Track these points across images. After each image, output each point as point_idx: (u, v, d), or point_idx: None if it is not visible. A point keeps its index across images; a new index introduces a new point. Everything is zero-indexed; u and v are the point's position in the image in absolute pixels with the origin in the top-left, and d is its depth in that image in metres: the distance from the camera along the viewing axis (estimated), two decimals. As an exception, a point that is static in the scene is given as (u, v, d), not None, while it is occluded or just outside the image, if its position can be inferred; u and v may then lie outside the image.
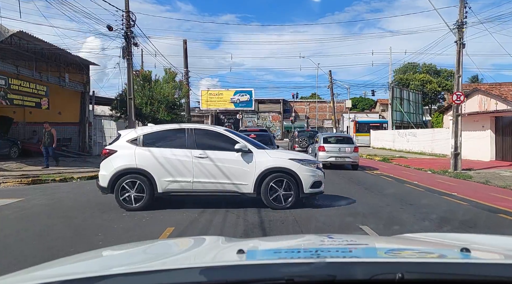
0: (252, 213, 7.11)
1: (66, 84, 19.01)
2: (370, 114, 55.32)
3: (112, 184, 7.34)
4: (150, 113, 20.92)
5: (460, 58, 15.74)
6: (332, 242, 1.82)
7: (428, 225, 6.33)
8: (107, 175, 7.41)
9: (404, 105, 35.48)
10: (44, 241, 5.35)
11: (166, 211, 7.26)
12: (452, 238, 2.27)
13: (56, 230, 6.05)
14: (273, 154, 7.93)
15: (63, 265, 1.67)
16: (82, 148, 21.08)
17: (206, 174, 7.40)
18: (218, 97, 56.64)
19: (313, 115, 57.32)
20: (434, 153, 25.42)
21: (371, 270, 1.18)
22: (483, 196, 9.51)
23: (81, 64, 20.21)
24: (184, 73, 33.11)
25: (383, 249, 1.68)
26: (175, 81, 22.74)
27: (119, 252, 2.00)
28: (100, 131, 23.97)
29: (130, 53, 17.40)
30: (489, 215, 7.42)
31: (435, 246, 1.89)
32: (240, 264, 1.37)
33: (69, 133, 21.32)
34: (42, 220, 6.73)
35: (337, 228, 6.16)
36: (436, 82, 40.02)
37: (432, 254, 1.59)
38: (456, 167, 15.62)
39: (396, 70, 44.45)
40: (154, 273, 1.25)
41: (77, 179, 12.89)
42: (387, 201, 8.59)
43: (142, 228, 6.11)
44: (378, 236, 5.13)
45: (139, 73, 20.01)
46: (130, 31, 17.12)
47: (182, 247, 2.07)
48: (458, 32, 15.67)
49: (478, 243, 1.88)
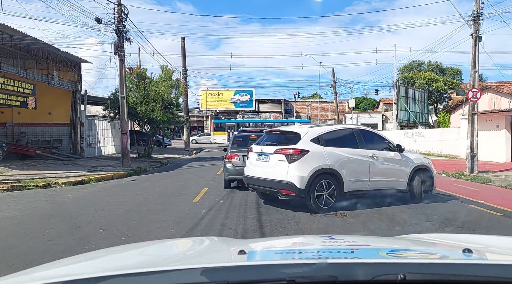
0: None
1: (55, 82, 17.87)
2: (373, 114, 54.38)
3: (309, 185, 7.05)
4: (145, 113, 19.82)
5: (476, 52, 14.65)
6: (334, 242, 1.84)
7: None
8: (305, 176, 7.02)
9: (409, 104, 34.32)
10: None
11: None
12: (454, 238, 2.26)
13: (12, 255, 4.93)
14: (411, 153, 9.32)
15: (62, 266, 1.66)
16: (73, 150, 19.94)
17: (378, 173, 7.84)
18: (218, 97, 55.66)
19: (315, 115, 56.47)
20: (443, 153, 24.29)
21: (373, 271, 1.17)
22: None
23: (72, 61, 19.09)
24: (182, 72, 32.08)
25: (385, 250, 1.60)
26: (171, 80, 21.61)
27: (119, 253, 1.96)
28: (94, 133, 22.88)
29: (123, 48, 16.34)
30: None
31: (437, 246, 1.89)
32: (241, 265, 1.36)
33: (59, 135, 20.21)
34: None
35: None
36: (442, 80, 38.81)
37: (434, 255, 1.59)
38: (473, 169, 14.51)
39: (401, 69, 43.27)
40: (155, 273, 1.24)
41: (62, 185, 11.78)
42: (409, 212, 7.47)
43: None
44: (380, 236, 4.79)
45: (132, 71, 18.88)
46: (122, 25, 16.06)
47: (183, 247, 2.07)
48: (474, 24, 14.58)
49: (480, 244, 1.86)
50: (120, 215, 7.11)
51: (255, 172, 7.75)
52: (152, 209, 7.64)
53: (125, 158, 16.58)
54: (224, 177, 10.31)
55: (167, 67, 21.79)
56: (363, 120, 48.89)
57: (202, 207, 7.70)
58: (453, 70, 42.46)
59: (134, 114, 20.00)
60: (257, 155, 7.84)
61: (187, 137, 32.99)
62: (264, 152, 7.63)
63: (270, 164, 7.42)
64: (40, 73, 16.96)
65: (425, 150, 26.85)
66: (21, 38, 14.44)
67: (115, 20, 15.91)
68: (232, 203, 8.19)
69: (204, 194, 9.50)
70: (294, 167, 7.02)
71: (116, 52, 16.26)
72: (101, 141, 23.70)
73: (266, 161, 7.54)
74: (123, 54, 16.39)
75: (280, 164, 7.17)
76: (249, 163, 8.17)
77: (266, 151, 7.58)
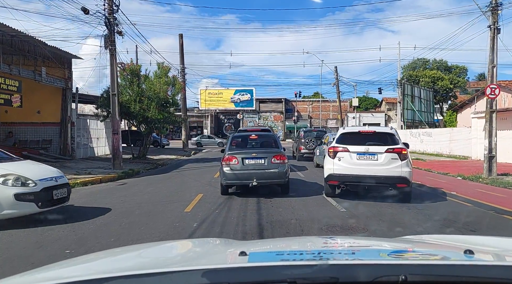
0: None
1: (43, 79, 16.76)
2: (376, 114, 53.33)
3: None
4: (140, 112, 18.73)
5: (495, 46, 13.53)
6: (335, 244, 1.87)
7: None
8: (411, 171, 8.63)
9: (415, 103, 33.18)
10: None
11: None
12: (455, 239, 2.22)
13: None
14: None
15: (64, 267, 1.66)
16: (63, 151, 18.84)
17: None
18: (218, 97, 54.56)
19: (316, 115, 55.46)
20: (453, 154, 23.17)
21: (374, 272, 1.16)
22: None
23: (62, 57, 18.01)
24: (180, 69, 31.01)
25: (386, 251, 1.63)
26: (168, 77, 20.50)
27: (120, 255, 1.92)
28: (86, 132, 21.80)
29: (114, 42, 15.25)
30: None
31: (439, 248, 1.88)
32: (243, 266, 1.35)
33: (49, 135, 19.10)
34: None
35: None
36: (448, 79, 37.64)
37: (436, 256, 1.54)
38: (491, 172, 13.40)
39: (405, 67, 42.10)
40: (155, 275, 1.23)
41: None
42: (437, 225, 6.38)
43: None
44: (381, 238, 4.60)
45: (125, 67, 17.77)
46: (113, 17, 14.96)
47: (184, 249, 2.05)
48: (492, 15, 13.48)
49: (481, 245, 1.84)
50: (96, 229, 6.02)
51: (358, 170, 8.30)
52: (136, 221, 6.56)
53: (116, 159, 15.49)
54: (221, 181, 9.20)
55: (164, 63, 20.67)
56: (365, 120, 47.91)
57: (194, 219, 6.62)
58: (459, 68, 41.27)
59: (127, 113, 18.93)
60: (357, 154, 8.38)
61: (186, 137, 31.95)
62: (371, 151, 8.34)
63: (380, 162, 8.25)
64: (25, 69, 15.86)
65: (432, 150, 25.74)
66: (1, 30, 13.35)
67: (105, 11, 14.83)
68: (229, 214, 7.10)
69: (198, 201, 8.42)
70: (405, 164, 8.18)
71: (106, 46, 15.17)
72: (94, 141, 22.61)
73: (374, 159, 8.31)
74: (114, 48, 15.30)
75: (393, 161, 8.19)
76: (341, 162, 8.47)
77: (374, 150, 8.33)
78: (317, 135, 20.50)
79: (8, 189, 5.83)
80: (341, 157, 8.46)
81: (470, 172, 14.23)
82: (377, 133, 9.05)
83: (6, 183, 5.88)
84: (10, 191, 5.81)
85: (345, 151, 8.46)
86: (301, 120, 53.17)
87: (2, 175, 5.94)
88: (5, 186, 5.86)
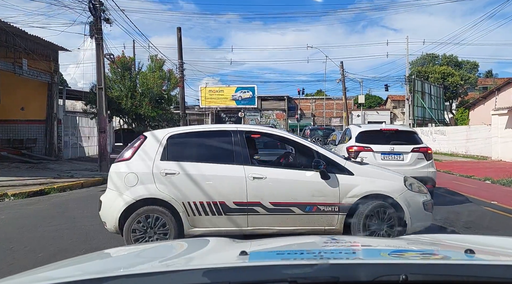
0: None
1: (24, 72, 15.24)
2: (381, 112, 51.78)
3: None
4: (131, 108, 17.21)
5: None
6: (335, 243, 1.82)
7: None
8: (436, 171, 8.57)
9: (425, 100, 31.55)
10: None
11: None
12: (456, 239, 2.21)
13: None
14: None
15: (65, 267, 1.63)
16: (49, 151, 17.33)
17: None
18: (218, 94, 53.05)
19: (319, 113, 53.92)
20: (470, 154, 21.58)
21: (374, 272, 1.15)
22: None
23: (46, 48, 16.50)
24: (179, 65, 29.42)
25: (387, 251, 1.59)
26: (162, 71, 18.96)
27: (120, 254, 1.94)
28: (76, 131, 20.30)
29: (100, 31, 13.73)
30: None
31: (439, 247, 1.85)
32: (243, 266, 1.35)
33: (34, 133, 17.56)
34: None
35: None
36: (458, 75, 35.95)
37: (436, 256, 1.55)
38: (526, 175, 11.85)
39: (412, 63, 40.43)
40: (156, 274, 1.23)
41: (11, 197, 9.20)
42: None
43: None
44: (382, 238, 4.25)
45: (114, 59, 16.24)
46: (99, 2, 13.43)
47: (184, 248, 2.00)
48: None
49: (482, 244, 1.82)
50: (42, 261, 4.49)
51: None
52: (102, 248, 5.01)
53: (103, 160, 13.99)
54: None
55: (157, 56, 19.13)
56: (370, 118, 46.49)
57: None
58: (469, 64, 39.60)
59: (118, 109, 17.42)
60: (381, 154, 8.03)
61: (184, 136, 30.44)
62: (396, 151, 8.03)
63: (406, 162, 7.92)
64: (3, 61, 14.36)
65: (447, 149, 24.16)
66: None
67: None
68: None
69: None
70: (431, 164, 8.02)
71: (92, 35, 13.66)
72: (84, 140, 21.11)
73: (400, 159, 8.00)
74: (101, 37, 13.77)
75: (420, 161, 7.92)
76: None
77: (399, 150, 8.02)
78: (324, 133, 19.00)
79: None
80: (364, 157, 7.74)
81: (498, 175, 12.68)
82: (400, 131, 8.71)
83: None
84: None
85: (369, 150, 7.97)
86: (304, 118, 51.64)
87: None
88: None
